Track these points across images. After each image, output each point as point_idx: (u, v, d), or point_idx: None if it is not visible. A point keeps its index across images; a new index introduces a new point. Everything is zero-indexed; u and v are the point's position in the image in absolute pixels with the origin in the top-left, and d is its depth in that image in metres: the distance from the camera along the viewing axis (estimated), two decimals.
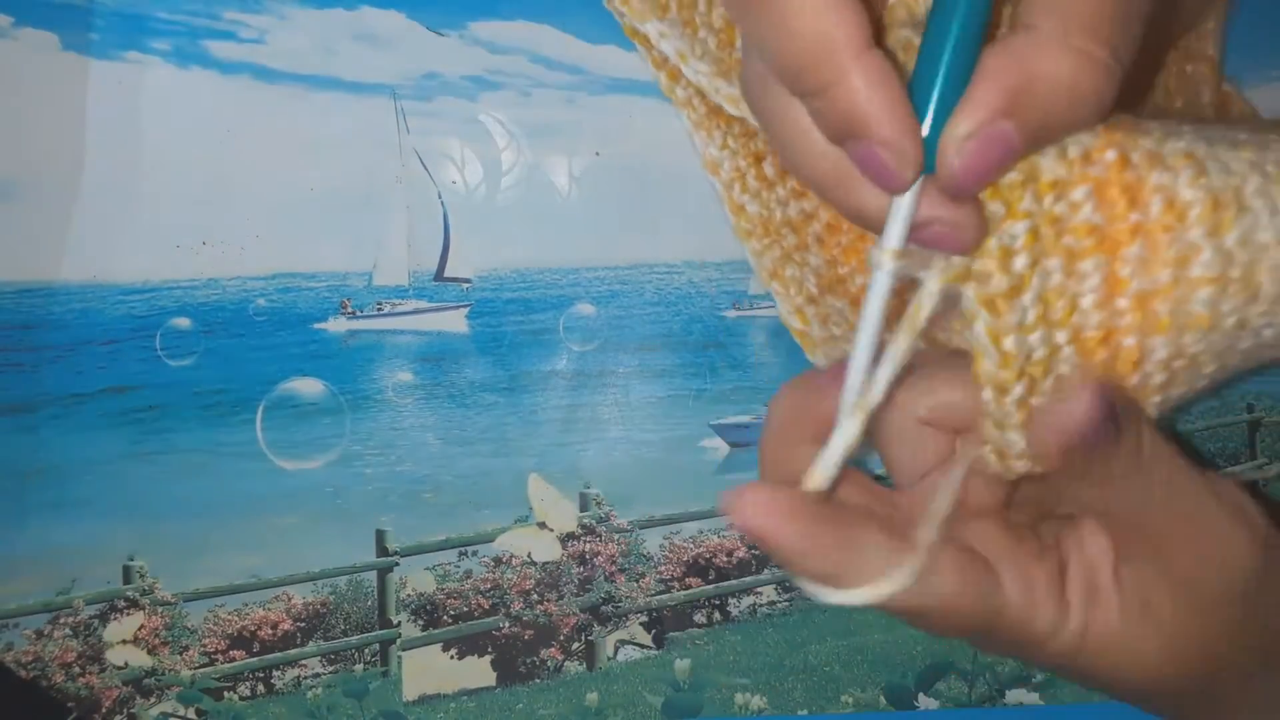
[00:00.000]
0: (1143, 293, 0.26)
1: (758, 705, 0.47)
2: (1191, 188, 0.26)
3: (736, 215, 0.42)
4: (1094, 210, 0.26)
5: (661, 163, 0.45)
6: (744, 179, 0.41)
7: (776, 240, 0.41)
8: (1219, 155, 0.27)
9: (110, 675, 0.46)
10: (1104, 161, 0.26)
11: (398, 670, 0.47)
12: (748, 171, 0.41)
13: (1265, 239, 0.26)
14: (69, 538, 0.45)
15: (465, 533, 0.47)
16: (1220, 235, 0.26)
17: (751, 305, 0.47)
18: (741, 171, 0.41)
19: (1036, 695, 0.47)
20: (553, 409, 0.46)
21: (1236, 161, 0.27)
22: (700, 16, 0.39)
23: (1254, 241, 0.26)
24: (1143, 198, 0.26)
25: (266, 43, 0.45)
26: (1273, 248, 0.26)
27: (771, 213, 0.41)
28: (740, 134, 0.41)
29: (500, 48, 0.45)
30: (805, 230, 0.40)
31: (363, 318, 0.46)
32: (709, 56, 0.38)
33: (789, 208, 0.40)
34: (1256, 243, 0.26)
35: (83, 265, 0.45)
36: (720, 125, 0.42)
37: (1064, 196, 0.26)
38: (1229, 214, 0.26)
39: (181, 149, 0.45)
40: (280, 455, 0.46)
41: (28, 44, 0.44)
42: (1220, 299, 0.27)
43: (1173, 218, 0.26)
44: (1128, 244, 0.26)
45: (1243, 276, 0.26)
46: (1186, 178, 0.26)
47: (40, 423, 0.45)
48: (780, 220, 0.41)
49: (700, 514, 0.47)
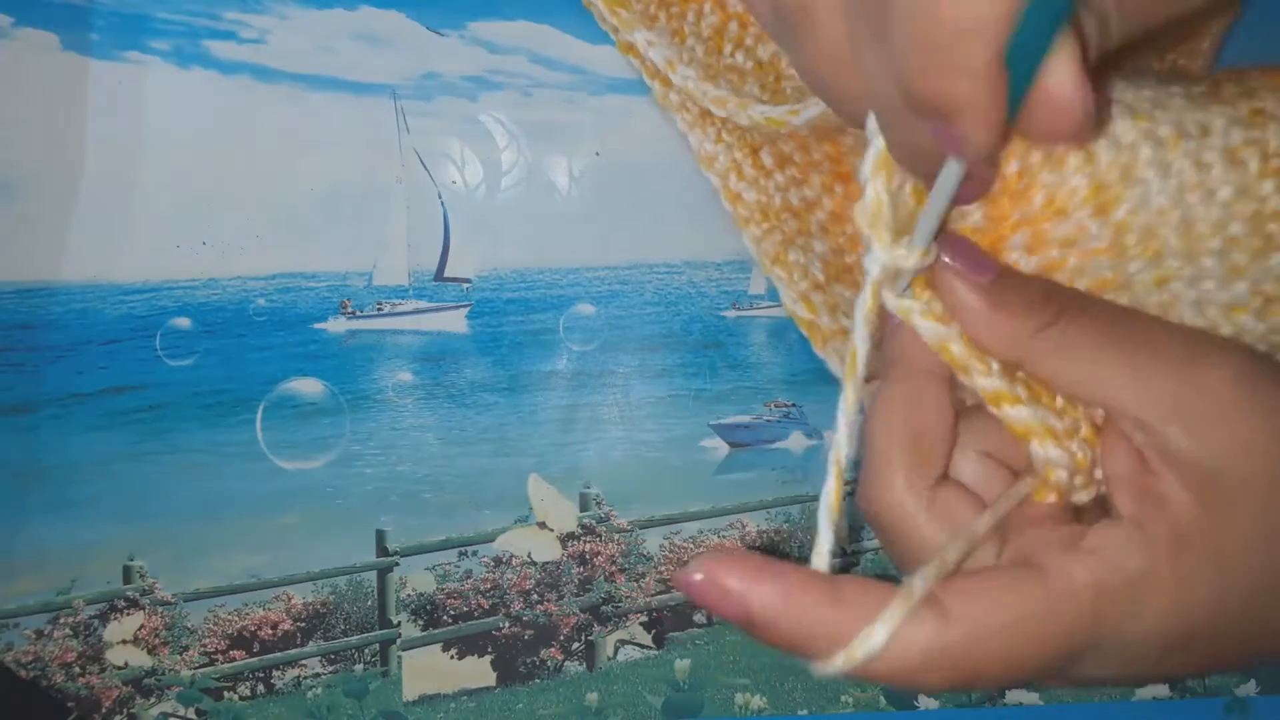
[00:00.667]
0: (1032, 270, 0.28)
1: (758, 705, 0.47)
2: (1077, 175, 0.27)
3: (734, 203, 0.42)
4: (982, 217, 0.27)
5: (661, 163, 0.45)
6: (740, 169, 0.41)
7: (777, 225, 0.41)
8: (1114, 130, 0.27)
9: (110, 675, 0.46)
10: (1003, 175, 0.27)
11: (398, 670, 0.47)
12: (744, 162, 0.41)
13: (1161, 203, 0.27)
14: (69, 538, 0.45)
15: (465, 533, 0.47)
16: (1108, 213, 0.27)
17: (751, 305, 0.47)
18: (738, 162, 0.41)
19: (1036, 695, 0.47)
20: (553, 409, 0.46)
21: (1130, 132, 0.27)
22: (689, 26, 0.39)
23: (1148, 208, 0.27)
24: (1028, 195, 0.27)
25: (267, 43, 0.45)
26: (1169, 210, 0.27)
27: (770, 198, 0.41)
28: (735, 128, 0.41)
29: (500, 48, 0.45)
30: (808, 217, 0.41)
31: (363, 318, 0.46)
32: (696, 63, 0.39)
33: (789, 194, 0.41)
34: (1151, 208, 0.27)
35: (83, 265, 0.45)
36: (714, 122, 0.42)
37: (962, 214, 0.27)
38: (1113, 192, 0.27)
39: (181, 149, 0.45)
40: (280, 455, 0.46)
41: (28, 44, 0.44)
42: (1121, 262, 0.27)
43: (1052, 211, 0.27)
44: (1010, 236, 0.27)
45: (1141, 239, 0.27)
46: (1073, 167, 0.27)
47: (40, 423, 0.45)
48: (780, 205, 0.41)
49: (700, 514, 0.47)
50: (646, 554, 0.47)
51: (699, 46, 0.39)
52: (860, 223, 0.26)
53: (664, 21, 0.40)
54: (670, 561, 0.47)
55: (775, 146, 0.41)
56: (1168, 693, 0.47)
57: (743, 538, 0.47)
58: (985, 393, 0.27)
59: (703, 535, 0.47)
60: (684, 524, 0.47)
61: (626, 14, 0.41)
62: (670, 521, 0.47)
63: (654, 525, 0.47)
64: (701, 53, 0.39)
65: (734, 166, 0.41)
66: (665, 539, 0.47)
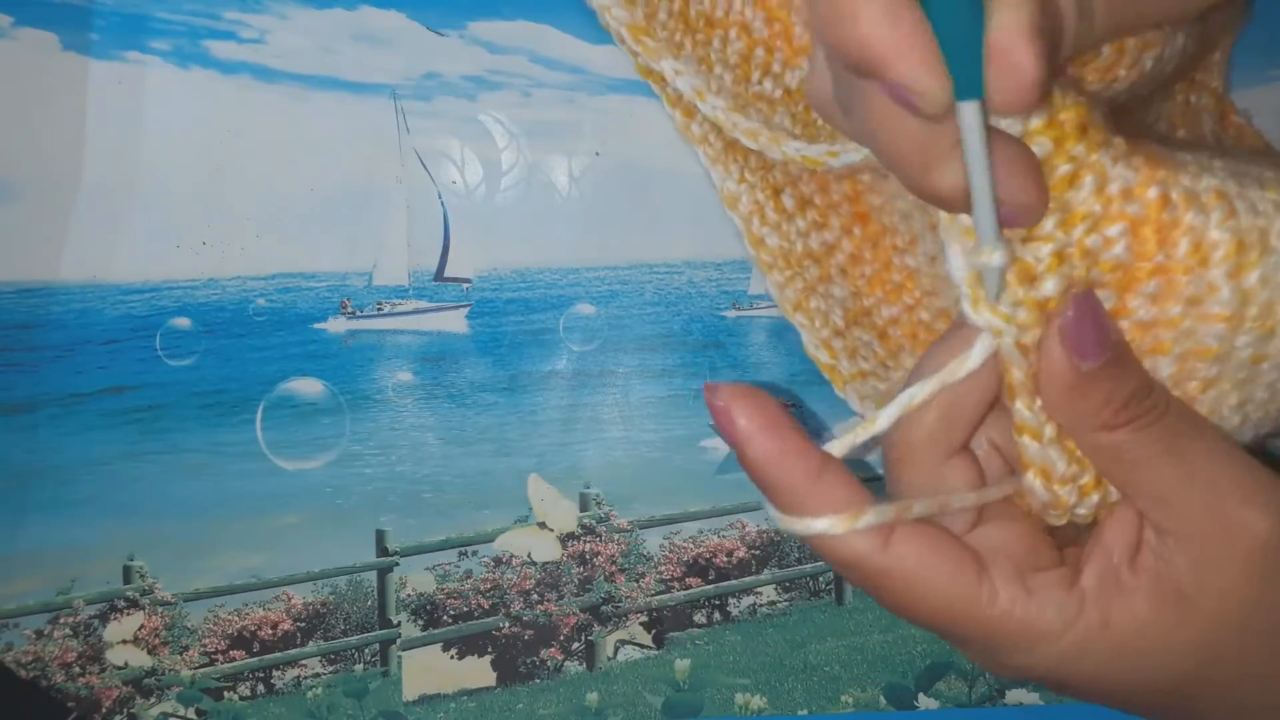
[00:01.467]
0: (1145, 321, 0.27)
1: (758, 705, 0.47)
2: (1219, 229, 0.26)
3: (757, 248, 0.42)
4: (1125, 249, 0.26)
5: (661, 163, 0.45)
6: (763, 211, 0.41)
7: (799, 273, 0.42)
8: (1247, 194, 0.27)
9: (110, 675, 0.46)
10: (1144, 200, 0.26)
11: (398, 670, 0.47)
12: (766, 204, 0.41)
13: None
14: (69, 538, 0.45)
15: (465, 533, 0.47)
16: (1241, 276, 0.26)
17: (751, 305, 0.47)
18: (760, 204, 0.41)
19: (1036, 695, 0.47)
20: (553, 409, 0.47)
21: (1263, 201, 0.27)
22: (715, 53, 0.39)
23: (1275, 281, 0.26)
24: (1173, 238, 0.26)
25: (267, 43, 0.45)
26: None
27: (792, 245, 0.41)
28: (758, 167, 0.41)
29: (500, 48, 0.45)
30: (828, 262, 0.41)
31: (363, 318, 0.46)
32: (725, 92, 0.38)
33: (810, 239, 0.41)
34: (1277, 282, 0.26)
35: (82, 265, 0.45)
36: (737, 159, 0.42)
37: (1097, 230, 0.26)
38: (1253, 256, 0.26)
39: (181, 149, 0.45)
40: (280, 455, 0.46)
41: (28, 44, 0.44)
42: (1234, 334, 0.27)
43: (1195, 260, 0.26)
44: (1144, 281, 0.26)
45: (1260, 314, 0.26)
46: (1216, 218, 0.26)
47: (40, 423, 0.45)
48: (802, 252, 0.41)
49: (700, 514, 0.47)
50: (646, 554, 0.47)
51: (726, 74, 0.38)
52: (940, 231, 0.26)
53: (690, 50, 0.39)
54: (670, 561, 0.47)
55: (796, 188, 0.41)
56: None
57: (743, 538, 0.47)
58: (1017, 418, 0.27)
59: (703, 535, 0.47)
60: (684, 524, 0.47)
61: (652, 43, 0.40)
62: (670, 521, 0.47)
63: (654, 525, 0.47)
64: (730, 81, 0.38)
65: (757, 209, 0.41)
66: (665, 539, 0.47)
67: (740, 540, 0.47)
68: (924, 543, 0.27)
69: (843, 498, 0.27)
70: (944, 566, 0.27)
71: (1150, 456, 0.27)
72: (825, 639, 0.47)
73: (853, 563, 0.27)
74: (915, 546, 0.27)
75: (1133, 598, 0.27)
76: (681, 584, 0.47)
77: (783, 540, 0.47)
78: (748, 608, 0.48)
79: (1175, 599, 0.27)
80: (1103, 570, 0.28)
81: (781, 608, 0.48)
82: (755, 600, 0.48)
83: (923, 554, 0.27)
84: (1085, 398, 0.26)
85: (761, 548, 0.47)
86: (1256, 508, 0.27)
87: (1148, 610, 0.27)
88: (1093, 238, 0.26)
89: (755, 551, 0.47)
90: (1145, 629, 0.27)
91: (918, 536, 0.27)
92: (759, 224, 0.41)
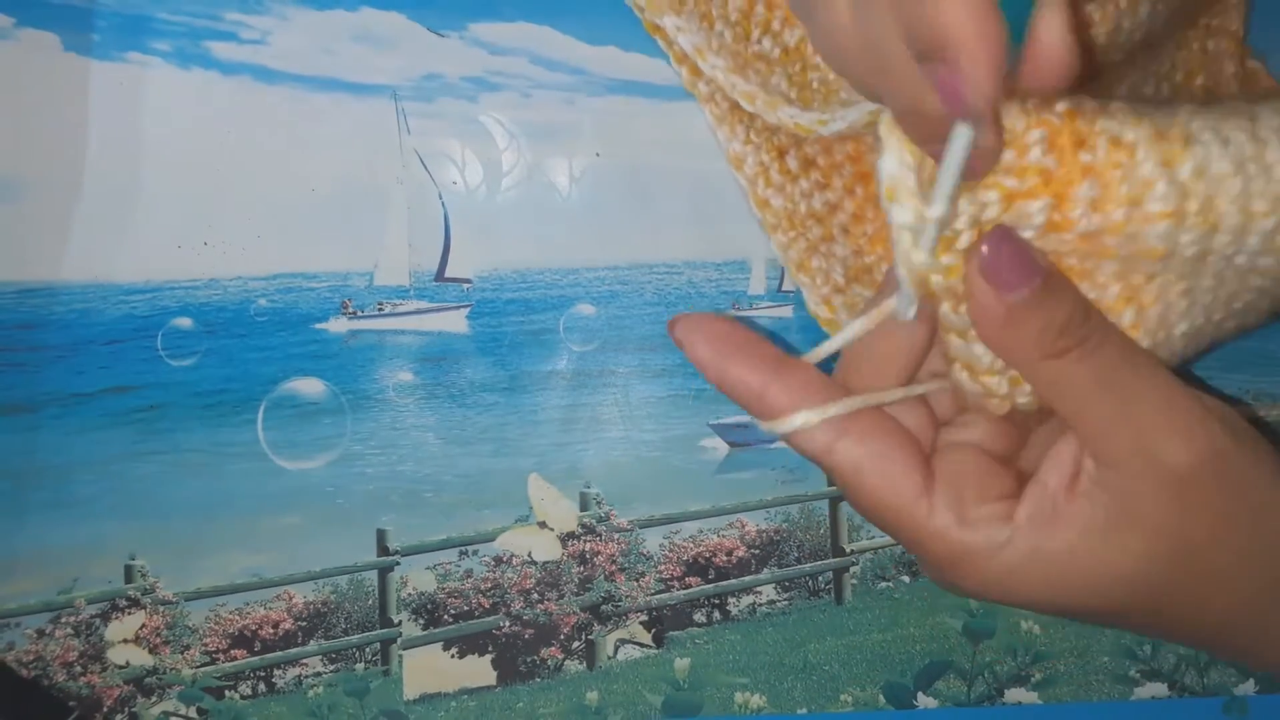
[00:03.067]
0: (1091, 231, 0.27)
1: (757, 704, 0.47)
2: (1133, 129, 0.26)
3: (762, 209, 0.42)
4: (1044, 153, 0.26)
5: (661, 163, 0.45)
6: (767, 173, 0.42)
7: (802, 233, 0.42)
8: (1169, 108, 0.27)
9: (112, 674, 0.46)
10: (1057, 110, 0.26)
11: (398, 669, 0.47)
12: (771, 165, 0.41)
13: (1222, 169, 0.26)
14: (70, 537, 0.45)
15: (466, 532, 0.47)
16: (1173, 167, 0.26)
17: (751, 305, 0.47)
18: (765, 166, 0.42)
19: (1036, 695, 0.47)
20: (553, 409, 0.47)
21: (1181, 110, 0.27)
22: (717, 9, 0.39)
23: (1210, 173, 0.26)
24: (1091, 140, 0.26)
25: (267, 43, 0.45)
26: (1229, 178, 0.26)
27: (796, 205, 0.41)
28: (763, 128, 0.41)
29: (501, 49, 0.46)
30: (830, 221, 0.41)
31: (364, 318, 0.46)
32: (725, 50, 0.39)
33: (813, 199, 0.41)
34: (1213, 174, 0.26)
35: (84, 265, 0.45)
36: (743, 120, 0.42)
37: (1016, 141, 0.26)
38: (1177, 146, 0.26)
39: (182, 149, 0.45)
40: (281, 455, 0.46)
41: (29, 45, 0.44)
42: (1177, 231, 0.27)
43: (1123, 155, 0.26)
44: (1077, 183, 0.26)
45: (1201, 209, 0.26)
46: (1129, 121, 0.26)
47: (41, 422, 0.45)
48: (805, 212, 0.41)
49: (700, 514, 0.47)
50: (646, 553, 0.47)
51: (727, 31, 0.39)
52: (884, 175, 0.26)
53: (692, 5, 0.40)
54: (670, 561, 0.47)
55: (800, 149, 0.41)
56: (1166, 692, 0.47)
57: (742, 537, 0.47)
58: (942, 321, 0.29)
59: (703, 535, 0.47)
60: (684, 524, 0.47)
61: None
62: (670, 521, 0.47)
63: (654, 525, 0.47)
64: (730, 38, 0.39)
65: (762, 171, 0.42)
66: (665, 539, 0.47)
67: (740, 540, 0.47)
68: (876, 447, 0.29)
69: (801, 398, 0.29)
70: (889, 470, 0.29)
71: (1088, 387, 0.28)
72: (824, 638, 0.47)
73: (812, 456, 0.29)
74: (867, 449, 0.29)
75: (1065, 525, 0.28)
76: (681, 583, 0.47)
77: (782, 540, 0.48)
78: (747, 607, 0.48)
79: (1104, 528, 0.28)
80: (1038, 500, 0.29)
81: (781, 607, 0.48)
82: (755, 599, 0.48)
83: (872, 456, 0.29)
84: (1019, 328, 0.27)
85: (761, 547, 0.48)
86: (1179, 440, 0.28)
87: (1079, 538, 0.28)
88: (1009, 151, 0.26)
89: (755, 551, 0.48)
90: (1076, 556, 0.28)
91: (872, 439, 0.29)
92: (764, 185, 0.42)
